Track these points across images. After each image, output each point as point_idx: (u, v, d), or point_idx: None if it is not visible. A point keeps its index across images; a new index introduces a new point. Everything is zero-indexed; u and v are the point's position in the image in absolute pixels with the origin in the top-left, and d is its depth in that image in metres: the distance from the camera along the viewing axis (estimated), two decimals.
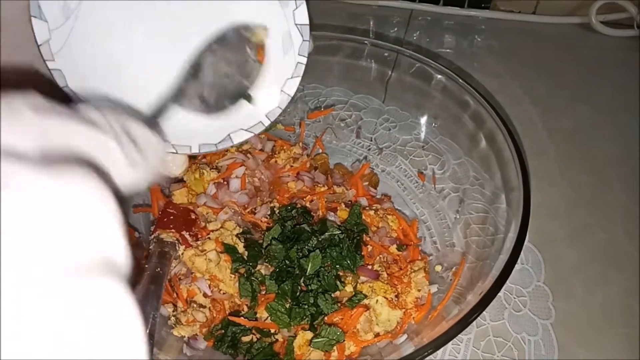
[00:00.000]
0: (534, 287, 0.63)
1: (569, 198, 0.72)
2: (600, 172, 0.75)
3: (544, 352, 0.57)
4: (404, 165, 0.72)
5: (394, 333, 0.54)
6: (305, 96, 0.77)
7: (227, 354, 0.53)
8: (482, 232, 0.58)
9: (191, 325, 0.53)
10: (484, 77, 0.87)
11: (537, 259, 0.65)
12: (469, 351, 0.58)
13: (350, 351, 0.53)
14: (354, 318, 0.53)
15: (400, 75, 0.70)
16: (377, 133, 0.75)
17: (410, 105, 0.73)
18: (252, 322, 0.54)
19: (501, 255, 0.48)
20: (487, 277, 0.47)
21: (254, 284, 0.55)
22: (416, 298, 0.55)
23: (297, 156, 0.69)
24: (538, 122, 0.82)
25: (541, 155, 0.77)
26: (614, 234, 0.68)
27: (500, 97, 0.83)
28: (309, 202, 0.62)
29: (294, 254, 0.55)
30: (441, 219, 0.65)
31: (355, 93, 0.78)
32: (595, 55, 0.93)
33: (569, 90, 0.87)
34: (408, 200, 0.69)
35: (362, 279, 0.56)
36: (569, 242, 0.68)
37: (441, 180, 0.68)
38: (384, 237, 0.61)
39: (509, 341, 0.58)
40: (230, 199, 0.62)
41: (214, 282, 0.55)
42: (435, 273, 0.59)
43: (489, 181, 0.59)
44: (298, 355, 0.51)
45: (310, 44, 0.43)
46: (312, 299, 0.53)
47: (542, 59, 0.93)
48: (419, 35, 0.97)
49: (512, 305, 0.61)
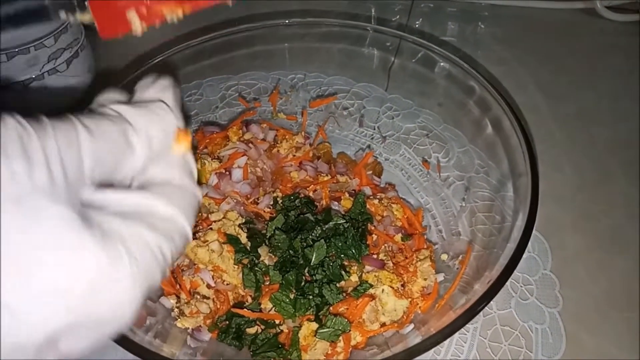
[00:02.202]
0: (540, 275, 0.62)
1: (574, 184, 0.72)
2: (603, 158, 0.75)
3: (552, 341, 0.57)
4: (408, 154, 0.72)
5: (401, 323, 0.53)
6: (307, 85, 0.76)
7: (231, 346, 0.52)
8: (489, 221, 0.57)
9: (195, 317, 0.53)
10: (488, 64, 0.86)
11: (543, 246, 0.65)
12: (476, 340, 0.57)
13: (356, 341, 0.52)
14: (360, 308, 0.52)
15: (403, 62, 0.69)
16: (380, 121, 0.74)
17: (414, 93, 0.72)
18: (256, 313, 0.53)
19: (509, 244, 0.47)
20: (495, 266, 0.46)
21: (258, 274, 0.54)
22: (422, 287, 0.55)
23: (300, 145, 0.68)
24: (542, 108, 0.81)
25: (546, 141, 0.76)
26: (618, 219, 0.68)
27: (504, 83, 0.82)
28: (312, 191, 0.62)
29: (298, 244, 0.54)
30: (446, 207, 0.64)
31: (358, 81, 0.77)
32: (600, 41, 0.92)
33: (573, 76, 0.86)
34: (412, 188, 0.69)
35: (368, 268, 0.55)
36: (574, 229, 0.67)
37: (446, 168, 0.67)
38: (388, 226, 0.60)
39: (516, 330, 0.58)
40: (232, 189, 0.61)
41: (217, 273, 0.55)
42: (441, 262, 0.58)
43: (495, 169, 0.58)
44: (303, 346, 0.51)
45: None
46: (317, 289, 0.52)
47: (546, 45, 0.92)
48: (421, 23, 0.96)
49: (519, 294, 0.61)
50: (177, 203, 0.30)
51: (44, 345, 0.24)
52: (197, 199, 0.33)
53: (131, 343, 0.40)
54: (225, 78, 0.74)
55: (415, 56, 0.67)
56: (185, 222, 0.30)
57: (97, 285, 0.24)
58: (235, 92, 0.76)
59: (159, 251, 0.28)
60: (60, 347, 0.25)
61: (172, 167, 0.33)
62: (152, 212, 0.29)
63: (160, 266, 0.28)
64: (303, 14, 0.73)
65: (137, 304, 0.27)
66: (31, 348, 0.23)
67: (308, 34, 0.71)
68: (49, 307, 0.23)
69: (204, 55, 0.68)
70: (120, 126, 0.29)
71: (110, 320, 0.26)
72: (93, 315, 0.25)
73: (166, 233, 0.29)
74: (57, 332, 0.24)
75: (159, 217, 0.29)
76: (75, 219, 0.24)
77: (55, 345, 0.24)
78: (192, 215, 0.32)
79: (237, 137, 0.66)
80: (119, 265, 0.25)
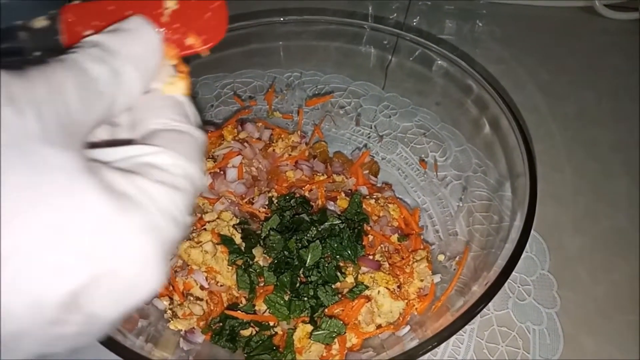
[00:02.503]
0: (538, 275, 0.62)
1: (573, 184, 0.71)
2: (603, 158, 0.74)
3: (549, 342, 0.56)
4: (405, 153, 0.71)
5: (397, 324, 0.53)
6: (304, 83, 0.76)
7: (225, 348, 0.52)
8: (486, 221, 0.56)
9: (188, 319, 0.52)
10: (487, 63, 0.86)
11: (541, 247, 0.64)
12: (473, 341, 0.57)
13: (351, 343, 0.51)
14: (355, 310, 0.51)
15: (400, 60, 0.69)
16: (377, 120, 0.74)
17: (411, 92, 0.71)
18: (249, 315, 0.52)
19: (507, 245, 0.46)
20: (493, 267, 0.46)
21: (252, 275, 0.53)
22: (419, 288, 0.54)
23: (296, 144, 0.67)
24: (541, 108, 0.81)
25: (545, 141, 0.76)
26: (618, 220, 0.67)
27: (503, 82, 0.82)
28: (308, 191, 0.61)
29: (293, 245, 0.54)
30: (443, 207, 0.64)
31: (355, 80, 0.76)
32: (599, 40, 0.92)
33: (572, 76, 0.86)
34: (409, 188, 0.68)
35: (363, 269, 0.54)
36: (573, 229, 0.66)
37: (443, 167, 0.66)
38: (385, 226, 0.59)
39: (514, 331, 0.57)
40: (227, 189, 0.60)
41: (210, 275, 0.54)
42: (438, 262, 0.58)
43: (493, 168, 0.58)
44: (298, 348, 0.50)
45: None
46: (312, 290, 0.51)
47: (545, 44, 0.91)
48: (419, 21, 0.95)
49: (516, 294, 0.60)
50: (180, 150, 0.29)
51: (67, 303, 0.21)
52: (199, 141, 0.31)
53: (122, 347, 0.39)
54: (220, 76, 0.74)
55: (413, 54, 0.66)
56: (193, 169, 0.29)
57: (111, 234, 0.23)
58: (231, 91, 0.75)
59: (172, 204, 0.26)
60: (84, 307, 0.22)
61: (166, 109, 0.30)
62: (156, 164, 0.27)
63: (176, 220, 0.26)
64: (299, 11, 0.73)
65: (159, 261, 0.25)
66: (52, 305, 0.21)
67: (304, 32, 0.70)
68: (64, 253, 0.21)
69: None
70: (98, 55, 0.27)
71: (134, 280, 0.24)
72: (113, 271, 0.23)
73: (175, 184, 0.27)
74: (79, 287, 0.22)
75: (165, 168, 0.27)
76: (77, 164, 0.23)
77: (78, 304, 0.22)
78: (199, 159, 0.30)
79: (232, 136, 0.65)
80: (131, 215, 0.23)
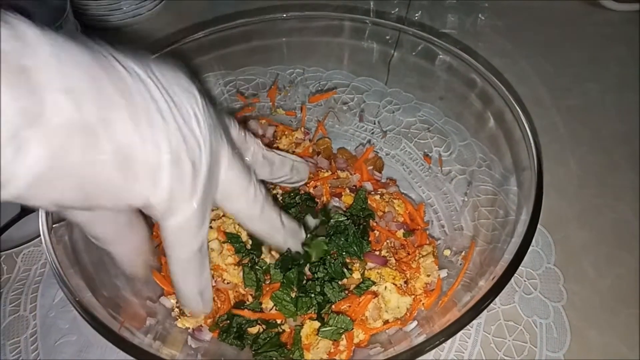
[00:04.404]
0: (544, 269, 0.62)
1: (578, 178, 0.71)
2: (608, 151, 0.74)
3: (556, 335, 0.56)
4: (409, 148, 0.71)
5: (404, 320, 0.53)
6: (306, 79, 0.75)
7: (233, 345, 0.52)
8: (492, 215, 0.56)
9: (195, 317, 0.52)
10: (490, 56, 0.85)
11: (547, 240, 0.64)
12: (480, 336, 0.57)
13: (359, 339, 0.51)
14: (362, 305, 0.51)
15: (403, 55, 0.68)
16: (381, 116, 0.74)
17: (414, 86, 0.71)
18: (256, 313, 0.52)
19: (513, 239, 0.46)
20: (499, 261, 0.46)
21: (259, 273, 0.53)
22: (425, 284, 0.54)
23: (299, 141, 0.67)
24: (545, 101, 0.80)
25: (549, 135, 0.75)
26: (623, 213, 0.67)
27: (506, 75, 0.81)
28: (313, 188, 0.61)
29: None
30: (448, 202, 0.64)
31: (357, 75, 0.76)
32: (602, 32, 0.91)
33: (576, 68, 0.85)
34: (414, 183, 0.68)
35: (370, 265, 0.54)
36: (578, 223, 0.66)
37: (447, 162, 0.66)
38: (390, 222, 0.59)
39: (521, 325, 0.57)
40: None
41: (217, 272, 0.54)
42: (444, 257, 0.58)
43: (498, 162, 0.57)
44: (306, 345, 0.50)
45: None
46: (318, 287, 0.51)
47: (548, 37, 0.91)
48: (420, 15, 0.95)
49: (522, 288, 0.60)
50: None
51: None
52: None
53: (131, 345, 0.39)
54: (223, 74, 0.73)
55: (415, 49, 0.65)
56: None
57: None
58: (234, 88, 0.75)
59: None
60: None
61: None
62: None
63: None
64: (301, 8, 0.72)
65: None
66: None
67: (306, 28, 0.70)
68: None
69: (201, 51, 0.67)
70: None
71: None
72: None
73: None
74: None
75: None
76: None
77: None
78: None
79: None
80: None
